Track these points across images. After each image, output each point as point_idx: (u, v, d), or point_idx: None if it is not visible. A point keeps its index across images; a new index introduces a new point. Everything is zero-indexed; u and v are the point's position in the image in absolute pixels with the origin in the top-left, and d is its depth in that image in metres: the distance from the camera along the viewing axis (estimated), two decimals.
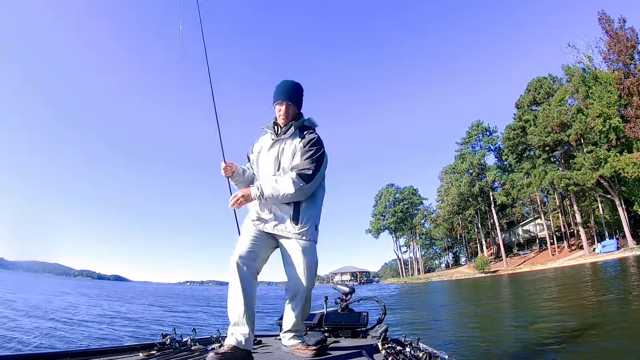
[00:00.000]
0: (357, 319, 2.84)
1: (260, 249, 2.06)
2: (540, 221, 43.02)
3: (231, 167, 2.28)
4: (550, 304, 9.83)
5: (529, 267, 36.09)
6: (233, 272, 1.89)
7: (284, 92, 2.15)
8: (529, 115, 36.63)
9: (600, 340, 4.90)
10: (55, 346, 5.92)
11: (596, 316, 6.81)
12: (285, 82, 2.20)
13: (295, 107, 2.19)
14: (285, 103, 2.15)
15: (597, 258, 28.69)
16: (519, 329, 6.75)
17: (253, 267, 1.97)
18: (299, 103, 2.23)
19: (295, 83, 2.22)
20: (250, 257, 1.97)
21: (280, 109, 2.16)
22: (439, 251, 70.74)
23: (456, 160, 49.40)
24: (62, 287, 33.28)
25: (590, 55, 33.52)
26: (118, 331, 8.08)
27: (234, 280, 1.88)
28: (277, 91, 2.17)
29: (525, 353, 4.80)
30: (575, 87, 32.00)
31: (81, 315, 10.57)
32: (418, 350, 1.99)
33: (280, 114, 2.16)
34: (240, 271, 1.89)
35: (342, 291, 3.16)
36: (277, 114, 2.19)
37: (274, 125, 2.22)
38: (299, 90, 2.23)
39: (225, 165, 2.27)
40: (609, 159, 28.87)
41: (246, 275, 1.91)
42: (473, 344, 5.78)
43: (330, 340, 2.52)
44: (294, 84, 2.21)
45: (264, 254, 2.10)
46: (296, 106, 2.20)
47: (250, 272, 1.94)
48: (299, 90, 2.23)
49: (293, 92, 2.18)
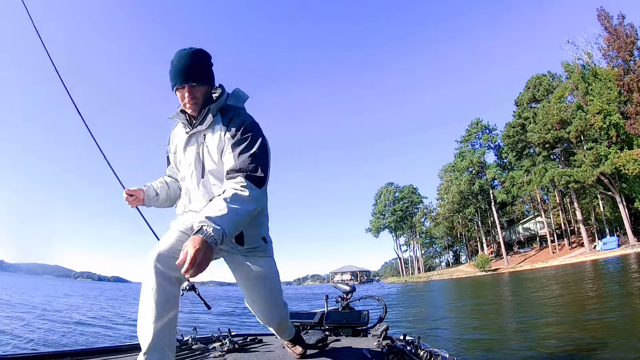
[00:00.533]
0: (358, 317, 2.82)
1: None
2: (541, 219, 43.02)
3: (137, 195, 1.74)
4: (552, 302, 9.78)
5: (530, 265, 36.08)
6: (147, 277, 1.33)
7: (180, 71, 1.48)
8: (529, 112, 36.61)
9: (603, 339, 4.80)
10: (55, 345, 5.91)
11: (598, 315, 6.73)
12: (180, 55, 1.49)
13: (204, 87, 1.54)
14: (187, 87, 1.49)
15: (598, 255, 28.66)
16: (520, 328, 6.69)
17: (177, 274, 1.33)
18: (209, 77, 1.56)
19: (194, 52, 1.51)
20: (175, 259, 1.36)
21: (183, 96, 1.52)
22: (439, 250, 70.59)
23: (456, 159, 49.38)
24: (63, 288, 33.14)
25: (589, 52, 33.48)
26: (118, 331, 8.04)
27: (147, 289, 1.32)
28: (172, 71, 1.50)
29: (526, 353, 4.73)
30: (575, 84, 31.95)
31: (81, 315, 10.54)
32: (419, 348, 1.97)
33: (185, 102, 1.52)
34: (157, 276, 1.32)
35: (343, 290, 3.17)
36: (181, 103, 1.55)
37: (183, 113, 1.59)
38: (202, 59, 1.54)
39: (127, 196, 1.72)
40: (610, 155, 28.82)
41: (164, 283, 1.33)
42: (474, 344, 5.72)
43: (331, 339, 2.51)
44: (191, 54, 1.50)
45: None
46: (205, 84, 1.54)
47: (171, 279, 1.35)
48: (203, 60, 1.54)
49: (195, 67, 1.49)
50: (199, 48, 1.53)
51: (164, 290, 1.32)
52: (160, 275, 1.33)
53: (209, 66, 1.58)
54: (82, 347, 1.98)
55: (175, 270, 1.30)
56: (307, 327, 2.77)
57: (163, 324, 1.30)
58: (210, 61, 1.58)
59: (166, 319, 1.31)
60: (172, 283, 1.36)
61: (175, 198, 1.82)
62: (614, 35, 31.11)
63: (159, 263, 1.34)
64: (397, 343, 2.19)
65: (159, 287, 1.32)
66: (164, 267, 1.34)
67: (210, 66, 1.59)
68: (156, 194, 1.79)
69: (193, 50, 1.51)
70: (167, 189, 1.83)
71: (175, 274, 1.34)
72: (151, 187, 1.81)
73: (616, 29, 31.22)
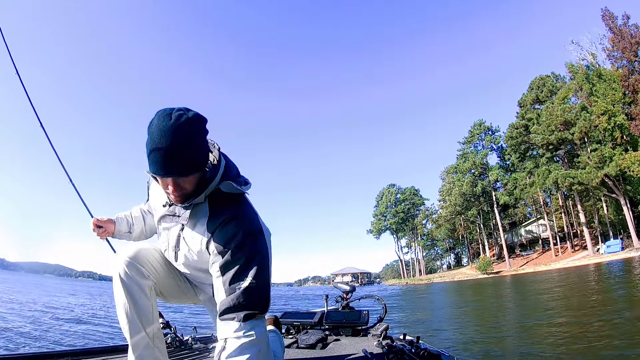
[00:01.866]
0: (358, 317, 2.80)
1: (176, 277, 1.40)
2: (543, 222, 42.68)
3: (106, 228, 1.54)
4: (555, 305, 9.52)
5: (532, 268, 35.74)
6: (117, 281, 1.20)
7: (163, 163, 1.01)
8: (532, 113, 36.35)
9: (606, 343, 4.57)
10: (53, 345, 5.88)
11: (602, 319, 6.47)
12: (161, 134, 0.99)
13: (195, 176, 1.10)
14: (171, 180, 1.08)
15: (602, 259, 28.31)
16: (522, 330, 6.50)
17: (149, 282, 1.23)
18: (202, 164, 1.09)
19: (182, 130, 1.00)
20: (150, 266, 1.27)
21: (166, 185, 1.11)
22: (440, 252, 70.37)
23: (458, 160, 49.20)
24: (66, 287, 33.06)
25: (594, 53, 33.14)
26: (118, 330, 8.05)
27: (119, 293, 1.20)
28: (151, 156, 1.02)
29: (527, 354, 4.61)
30: (579, 85, 31.70)
31: (82, 315, 10.45)
32: (419, 348, 1.95)
33: (169, 192, 1.11)
34: (127, 282, 1.19)
35: (343, 290, 3.18)
36: (163, 189, 1.15)
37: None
38: (193, 139, 1.04)
39: (94, 227, 1.53)
40: (614, 157, 28.52)
41: (136, 290, 1.20)
42: (474, 344, 5.61)
43: (331, 339, 2.50)
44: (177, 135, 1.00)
45: (175, 281, 1.40)
46: (197, 173, 1.09)
47: (142, 288, 1.22)
48: (194, 140, 1.04)
49: (183, 157, 1.02)
50: (189, 117, 1.03)
51: (139, 301, 1.23)
52: (131, 283, 1.21)
53: (203, 146, 1.09)
54: (82, 347, 1.96)
55: (148, 282, 1.25)
56: (306, 327, 2.75)
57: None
58: (204, 136, 1.10)
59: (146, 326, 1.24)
60: (144, 293, 1.25)
61: (151, 234, 1.63)
62: (618, 35, 30.87)
63: (128, 268, 1.21)
64: (397, 343, 2.15)
65: (129, 293, 1.21)
66: (136, 274, 1.22)
67: (205, 144, 1.10)
68: (129, 231, 1.59)
69: (180, 124, 1.00)
70: (142, 225, 1.62)
71: (148, 286, 1.25)
72: (124, 219, 1.59)
73: (621, 29, 30.99)
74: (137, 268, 1.21)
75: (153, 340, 1.23)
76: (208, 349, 2.13)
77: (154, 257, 1.30)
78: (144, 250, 1.28)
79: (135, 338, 1.19)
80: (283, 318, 2.79)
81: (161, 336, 1.29)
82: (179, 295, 1.45)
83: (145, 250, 1.29)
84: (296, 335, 2.58)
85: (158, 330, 1.26)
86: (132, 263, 1.21)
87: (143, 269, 1.23)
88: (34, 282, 28.76)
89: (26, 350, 5.30)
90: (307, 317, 2.85)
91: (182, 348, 2.10)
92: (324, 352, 2.11)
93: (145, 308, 1.21)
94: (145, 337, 1.20)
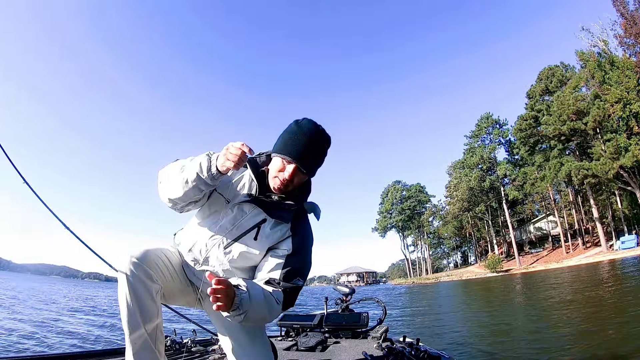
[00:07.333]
0: (358, 319, 2.81)
1: (179, 282, 1.39)
2: (553, 218, 41.47)
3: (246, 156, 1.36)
4: (568, 304, 8.78)
5: (543, 266, 34.70)
6: (122, 277, 1.19)
7: (301, 149, 1.22)
8: (542, 105, 35.27)
9: (619, 344, 4.23)
10: (52, 347, 5.81)
11: (616, 317, 6.05)
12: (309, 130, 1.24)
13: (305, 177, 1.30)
14: (295, 167, 1.23)
15: (616, 255, 27.25)
16: (526, 331, 6.08)
17: (156, 285, 1.24)
18: (314, 172, 1.32)
19: (325, 135, 1.28)
20: (158, 270, 1.26)
21: (282, 168, 1.25)
22: (447, 250, 69.23)
23: (465, 155, 48.28)
24: (81, 289, 32.72)
25: (605, 39, 31.72)
26: (118, 333, 7.72)
27: (122, 288, 1.19)
28: (290, 140, 1.24)
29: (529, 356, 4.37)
30: (591, 73, 30.37)
31: (82, 317, 10.20)
32: (418, 350, 1.98)
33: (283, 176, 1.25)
34: (132, 282, 1.18)
35: (343, 292, 3.18)
36: (273, 172, 1.27)
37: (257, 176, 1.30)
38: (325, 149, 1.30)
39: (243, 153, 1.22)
40: (630, 147, 27.17)
41: (142, 289, 1.19)
42: (475, 344, 5.44)
43: (331, 341, 2.53)
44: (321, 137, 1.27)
45: (181, 290, 1.41)
46: (310, 175, 1.32)
47: (150, 291, 1.21)
48: (324, 150, 1.30)
49: (315, 154, 1.26)
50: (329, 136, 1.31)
51: (144, 301, 1.27)
52: (137, 280, 1.25)
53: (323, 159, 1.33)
54: (82, 350, 2.22)
55: (155, 284, 1.28)
56: (306, 329, 2.77)
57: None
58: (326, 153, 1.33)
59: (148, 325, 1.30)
60: (150, 294, 1.28)
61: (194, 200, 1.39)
62: (630, 21, 29.54)
63: (135, 266, 1.22)
64: (397, 345, 2.20)
65: (134, 291, 1.26)
66: (144, 271, 1.23)
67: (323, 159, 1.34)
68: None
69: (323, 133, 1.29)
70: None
71: (154, 287, 1.29)
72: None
73: (632, 14, 29.65)
74: (146, 271, 1.21)
75: (155, 342, 1.23)
76: (207, 352, 2.17)
77: (162, 261, 1.30)
78: (153, 254, 1.27)
79: (134, 335, 1.18)
80: (282, 320, 2.81)
81: (162, 338, 1.28)
82: (179, 298, 1.46)
83: (154, 253, 1.28)
84: (296, 337, 2.60)
85: (160, 332, 1.26)
86: (140, 265, 1.20)
87: (152, 272, 1.23)
88: (31, 287, 28.23)
89: (26, 352, 5.23)
90: (306, 320, 2.86)
91: (181, 351, 2.13)
92: (324, 354, 2.15)
93: (148, 309, 1.21)
94: (144, 335, 1.19)
